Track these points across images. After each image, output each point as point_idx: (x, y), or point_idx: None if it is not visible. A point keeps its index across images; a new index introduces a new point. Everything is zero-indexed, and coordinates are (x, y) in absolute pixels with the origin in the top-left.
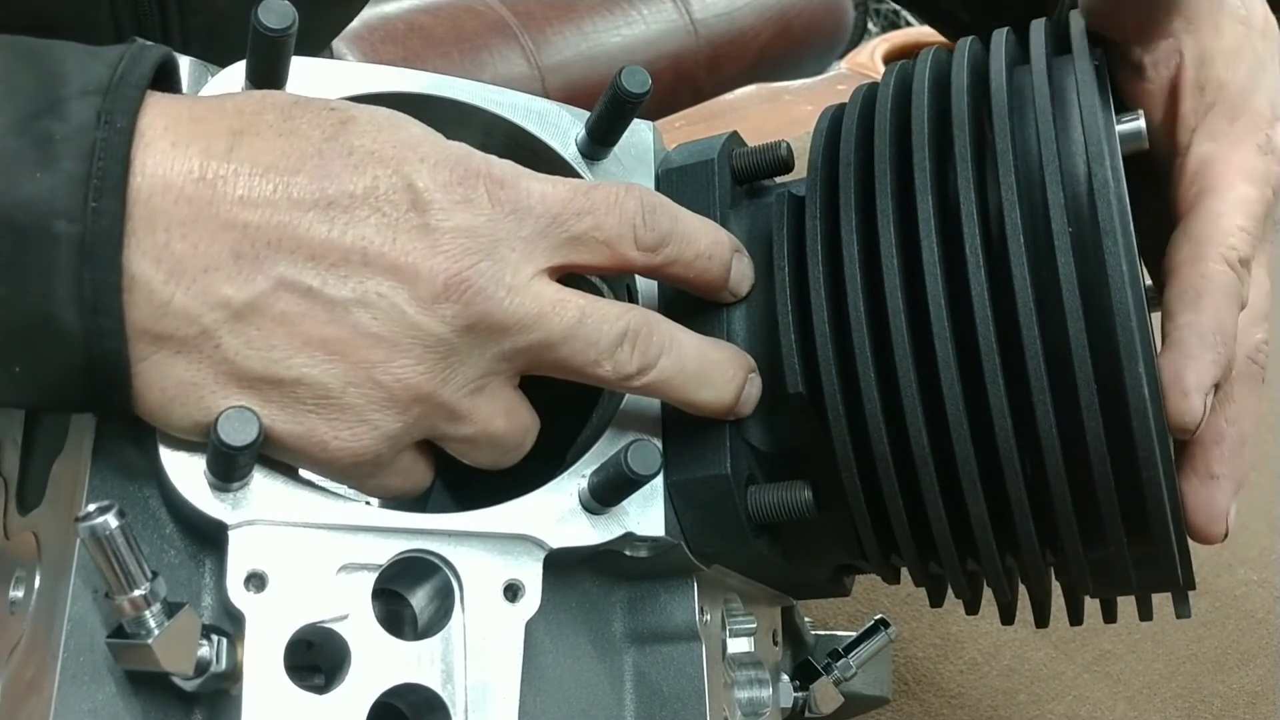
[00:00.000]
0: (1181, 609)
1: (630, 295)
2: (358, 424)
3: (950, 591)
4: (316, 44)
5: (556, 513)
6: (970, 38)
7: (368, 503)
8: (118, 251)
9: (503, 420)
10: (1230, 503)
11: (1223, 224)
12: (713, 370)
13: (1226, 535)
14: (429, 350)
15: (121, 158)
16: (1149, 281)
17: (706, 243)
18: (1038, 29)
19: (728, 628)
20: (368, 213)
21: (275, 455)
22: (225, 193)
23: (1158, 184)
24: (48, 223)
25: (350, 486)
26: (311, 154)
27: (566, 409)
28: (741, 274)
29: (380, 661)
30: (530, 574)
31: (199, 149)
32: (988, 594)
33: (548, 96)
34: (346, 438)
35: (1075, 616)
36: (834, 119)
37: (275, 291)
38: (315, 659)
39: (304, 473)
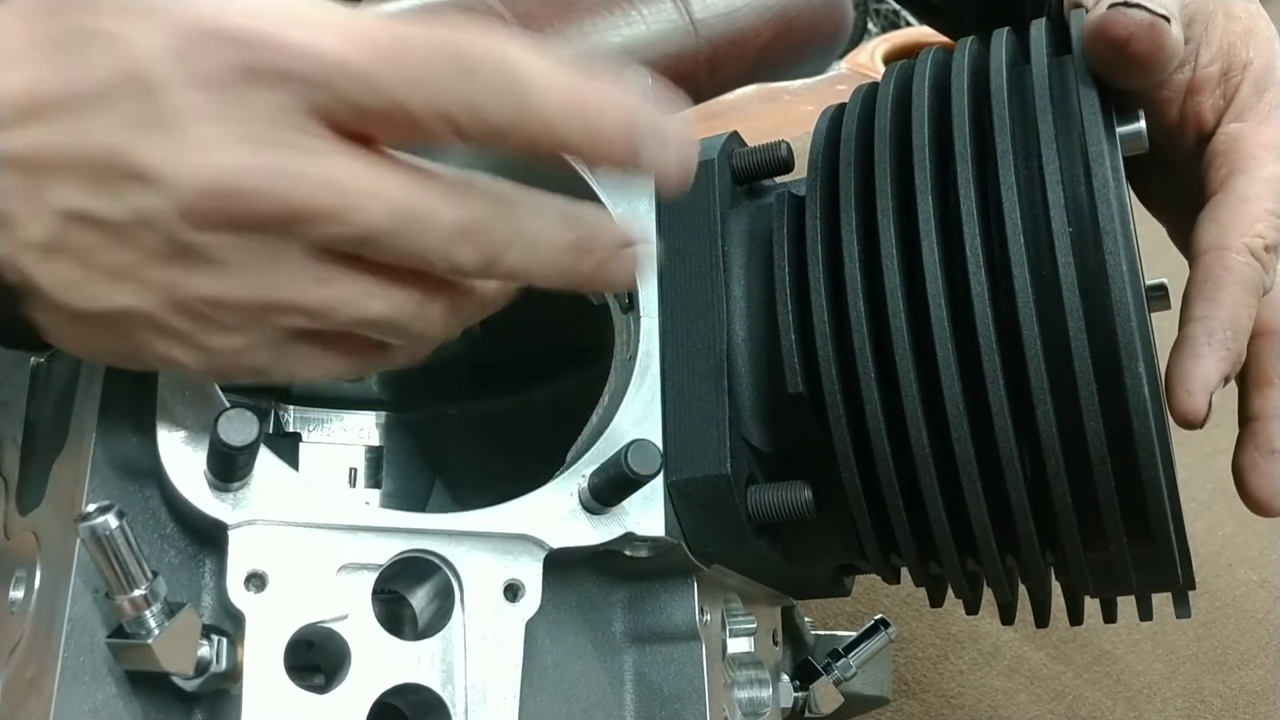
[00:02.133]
0: (1181, 609)
1: (630, 295)
2: (199, 347)
3: (950, 591)
4: None
5: (556, 513)
6: (970, 37)
7: (367, 503)
8: None
9: (378, 301)
10: None
11: (1250, 209)
12: (569, 258)
13: None
14: (219, 263)
15: None
16: (1149, 281)
17: (573, 138)
18: (1038, 29)
19: (728, 628)
20: (102, 110)
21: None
22: None
23: (1180, 175)
24: None
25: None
26: (33, 45)
27: (566, 409)
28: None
29: (380, 661)
30: (530, 574)
31: None
32: (988, 594)
33: None
34: (202, 359)
35: (1075, 616)
36: (834, 119)
37: (62, 224)
38: (315, 659)
39: (305, 473)
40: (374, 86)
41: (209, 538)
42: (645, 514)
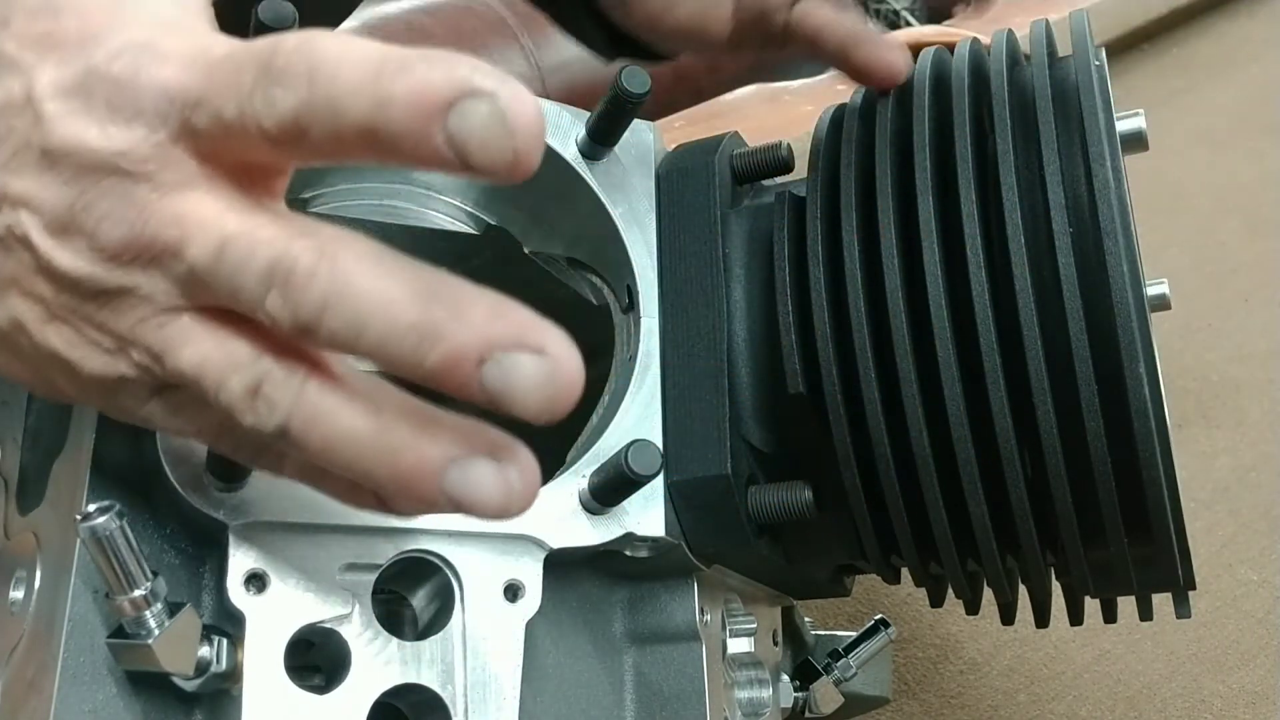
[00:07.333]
0: (1181, 609)
1: (631, 295)
2: (73, 368)
3: (950, 592)
4: None
5: (556, 513)
6: (971, 37)
7: None
8: None
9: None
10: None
11: None
12: (410, 343)
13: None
14: (77, 288)
15: None
16: (1149, 281)
17: (360, 113)
18: (1038, 28)
19: (728, 628)
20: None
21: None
22: None
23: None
24: None
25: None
26: None
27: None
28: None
29: (380, 661)
30: (530, 574)
31: None
32: (988, 594)
33: (548, 97)
34: (78, 386)
35: (1075, 616)
36: (835, 119)
37: None
38: (315, 659)
39: None
40: (203, 107)
41: (209, 538)
42: (645, 514)
